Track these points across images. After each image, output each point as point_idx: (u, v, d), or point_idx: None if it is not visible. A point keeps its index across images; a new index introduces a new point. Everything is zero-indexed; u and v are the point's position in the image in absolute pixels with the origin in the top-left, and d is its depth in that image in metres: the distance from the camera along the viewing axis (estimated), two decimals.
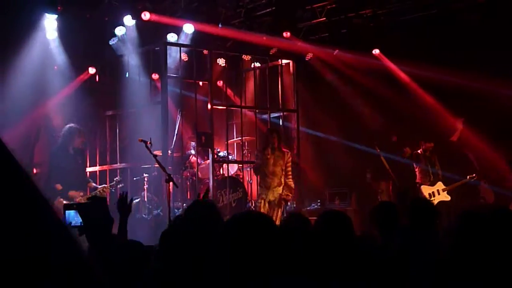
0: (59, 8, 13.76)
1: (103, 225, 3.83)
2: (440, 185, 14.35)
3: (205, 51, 14.58)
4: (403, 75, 17.07)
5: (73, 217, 4.13)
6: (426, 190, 14.36)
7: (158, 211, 13.20)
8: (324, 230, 4.69)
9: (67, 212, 4.12)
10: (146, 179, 13.61)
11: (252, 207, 13.78)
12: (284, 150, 12.93)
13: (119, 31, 14.67)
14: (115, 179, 12.73)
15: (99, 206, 3.83)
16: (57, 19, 13.89)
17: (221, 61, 15.90)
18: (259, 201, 12.66)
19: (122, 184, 12.69)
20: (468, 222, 4.03)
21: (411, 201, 6.56)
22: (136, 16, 14.39)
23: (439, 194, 14.27)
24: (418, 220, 5.85)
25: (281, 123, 15.10)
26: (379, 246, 5.78)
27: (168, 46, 13.83)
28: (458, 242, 3.93)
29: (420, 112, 16.16)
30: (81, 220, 4.07)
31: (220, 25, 15.51)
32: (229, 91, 15.51)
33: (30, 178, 1.48)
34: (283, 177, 12.75)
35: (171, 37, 15.11)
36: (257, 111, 14.91)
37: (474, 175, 14.38)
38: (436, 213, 6.06)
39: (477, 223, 4.01)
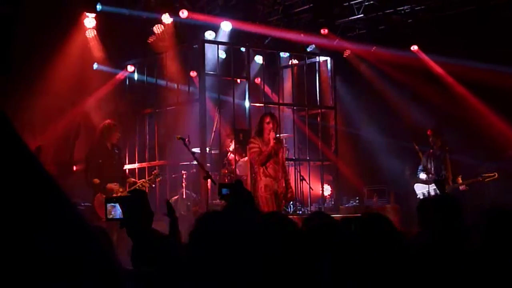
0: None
1: (143, 219, 3.85)
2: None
3: (243, 49, 14.58)
4: (441, 72, 16.96)
5: (114, 210, 4.16)
6: (418, 188, 14.29)
7: (197, 208, 13.24)
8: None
9: (108, 204, 4.15)
10: (184, 176, 13.66)
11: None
12: (280, 138, 12.63)
13: (157, 29, 14.76)
14: (153, 172, 12.80)
15: (140, 199, 3.85)
16: (96, 17, 14.01)
17: (259, 59, 15.91)
18: (268, 194, 11.32)
19: (161, 177, 12.78)
20: (496, 219, 3.96)
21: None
22: (174, 14, 14.46)
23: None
24: (442, 218, 5.53)
25: (319, 120, 15.10)
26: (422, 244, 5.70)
27: (206, 44, 13.87)
28: (485, 240, 3.87)
29: (459, 109, 16.09)
30: (120, 213, 4.09)
31: (258, 23, 15.55)
32: (266, 88, 15.50)
33: (48, 175, 1.49)
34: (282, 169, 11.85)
35: (209, 34, 15.17)
36: (294, 108, 14.90)
37: (494, 174, 13.86)
38: (458, 208, 5.78)
39: (506, 220, 3.94)
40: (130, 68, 15.15)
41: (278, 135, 12.00)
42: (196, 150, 12.36)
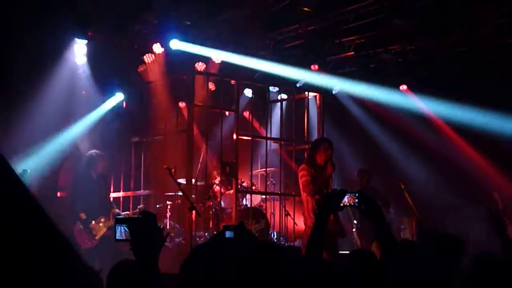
0: (89, 33, 13.88)
1: (152, 242, 3.80)
2: None
3: (233, 81, 14.59)
4: (430, 112, 17.03)
5: (122, 232, 4.09)
6: None
7: (180, 239, 13.15)
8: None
9: (117, 225, 4.07)
10: (169, 206, 13.58)
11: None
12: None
13: (148, 58, 14.75)
14: (138, 207, 12.75)
15: (150, 222, 3.80)
16: (87, 44, 14.00)
17: (248, 92, 15.93)
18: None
19: None
20: (484, 267, 3.93)
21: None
22: (165, 44, 14.46)
23: None
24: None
25: (306, 156, 15.08)
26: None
27: (195, 75, 13.87)
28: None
29: (444, 148, 16.19)
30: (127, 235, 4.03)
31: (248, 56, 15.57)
32: (255, 122, 15.49)
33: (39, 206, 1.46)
34: None
35: (199, 66, 15.17)
36: (282, 143, 14.89)
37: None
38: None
39: (494, 268, 3.91)
40: (119, 96, 15.12)
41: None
42: (182, 181, 12.31)
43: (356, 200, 4.73)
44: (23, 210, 1.42)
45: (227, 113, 14.81)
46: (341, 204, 4.76)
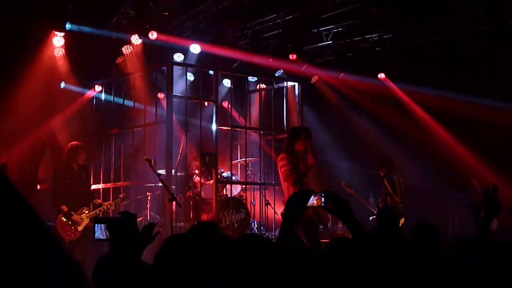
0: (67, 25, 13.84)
1: (131, 243, 3.81)
2: None
3: (211, 72, 14.59)
4: (408, 100, 17.11)
5: (102, 231, 4.11)
6: None
7: (160, 230, 13.12)
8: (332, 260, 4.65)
9: (96, 225, 4.09)
10: (149, 197, 13.58)
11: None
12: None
13: (126, 49, 14.73)
14: (119, 196, 12.72)
15: (129, 222, 3.81)
16: (65, 36, 13.95)
17: (227, 82, 15.94)
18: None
19: (127, 201, 12.67)
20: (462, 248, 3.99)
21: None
22: (144, 35, 14.44)
23: None
24: None
25: (284, 144, 15.10)
26: None
27: (174, 66, 13.86)
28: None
29: (422, 136, 16.27)
30: (106, 235, 4.05)
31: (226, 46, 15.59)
32: (234, 112, 15.50)
33: (32, 209, 1.49)
34: None
35: (178, 57, 15.18)
36: (261, 132, 14.90)
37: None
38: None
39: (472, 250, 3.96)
40: (98, 88, 15.07)
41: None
42: (162, 171, 12.32)
43: (323, 200, 4.73)
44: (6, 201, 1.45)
45: (206, 103, 14.81)
46: (307, 205, 4.73)
